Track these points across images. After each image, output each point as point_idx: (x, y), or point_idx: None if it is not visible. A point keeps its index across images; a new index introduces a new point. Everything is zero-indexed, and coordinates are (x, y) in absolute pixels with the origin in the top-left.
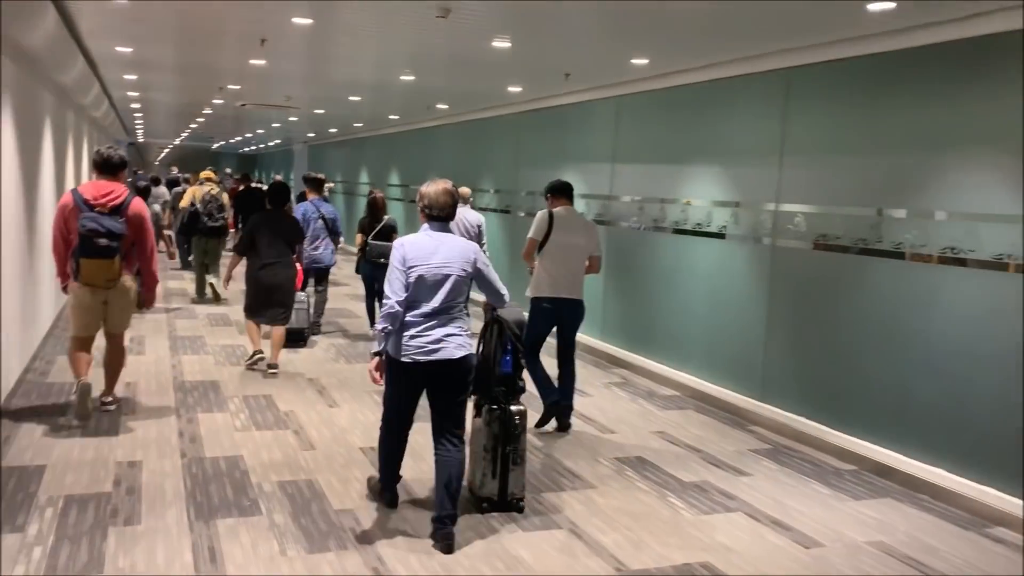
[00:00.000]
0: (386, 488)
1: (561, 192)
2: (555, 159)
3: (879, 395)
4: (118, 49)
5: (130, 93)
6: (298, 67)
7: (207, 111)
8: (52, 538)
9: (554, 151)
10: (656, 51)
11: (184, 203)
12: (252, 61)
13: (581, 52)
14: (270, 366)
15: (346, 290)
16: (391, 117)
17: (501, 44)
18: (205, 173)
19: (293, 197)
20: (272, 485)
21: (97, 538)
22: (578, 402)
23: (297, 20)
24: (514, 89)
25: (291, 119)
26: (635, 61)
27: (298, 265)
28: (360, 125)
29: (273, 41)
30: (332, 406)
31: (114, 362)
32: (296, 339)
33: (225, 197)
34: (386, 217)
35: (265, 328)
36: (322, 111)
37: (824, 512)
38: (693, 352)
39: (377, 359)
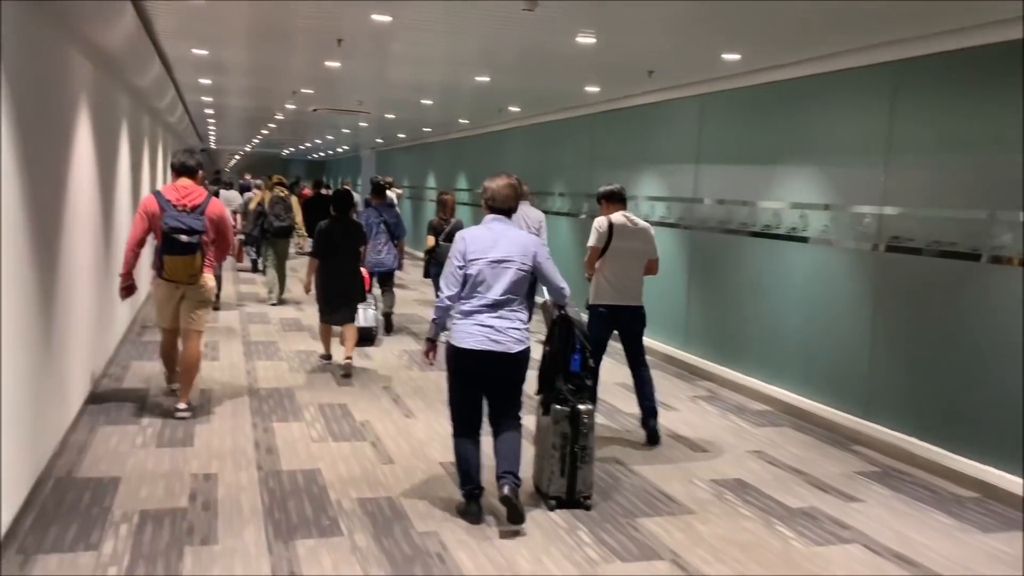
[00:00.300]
0: (469, 499)
1: (615, 198)
2: (632, 161)
3: (1003, 415)
4: (194, 51)
5: (204, 98)
6: (372, 69)
7: (279, 116)
8: (128, 558)
9: (631, 153)
10: (751, 46)
11: (252, 206)
12: (327, 63)
13: (669, 48)
14: (342, 366)
15: (414, 295)
16: (461, 121)
17: (585, 40)
18: (276, 178)
19: (360, 201)
20: (352, 502)
21: (173, 558)
22: (665, 417)
23: (376, 17)
24: (591, 89)
25: (361, 124)
26: (727, 56)
27: (362, 268)
28: (429, 130)
29: (350, 41)
30: (408, 416)
31: (190, 367)
32: (366, 339)
33: (293, 200)
34: (454, 219)
35: (336, 329)
36: (393, 116)
37: (951, 545)
38: (786, 364)
39: (428, 344)
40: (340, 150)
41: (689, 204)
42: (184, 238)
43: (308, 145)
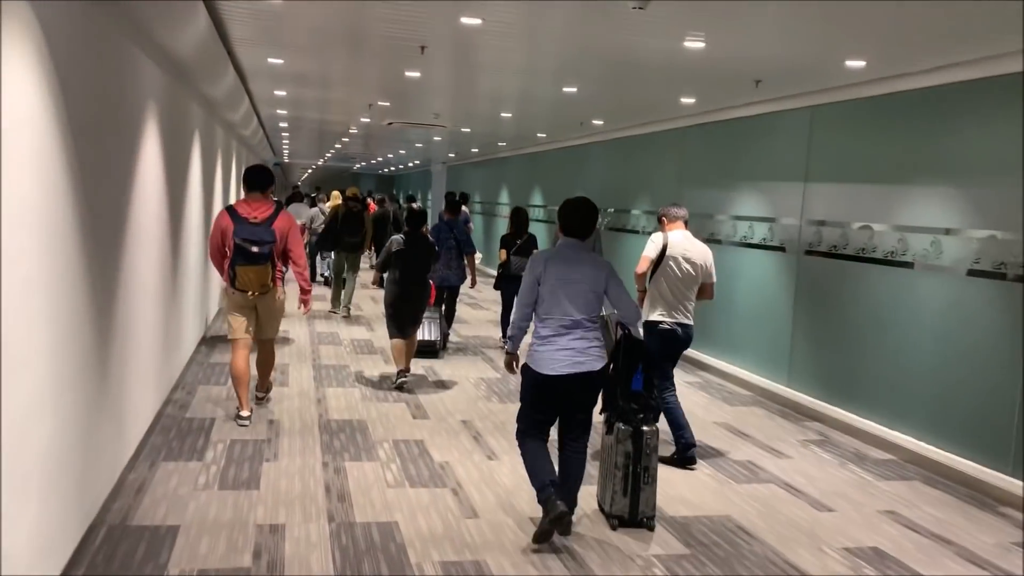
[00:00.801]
0: (549, 502)
1: (676, 217)
2: (727, 177)
3: None
4: (270, 60)
5: (279, 111)
6: (453, 79)
7: (352, 130)
8: None
9: (726, 169)
10: (879, 51)
11: (326, 219)
12: (407, 73)
13: (783, 54)
14: (400, 373)
15: (488, 315)
16: (539, 135)
17: (693, 44)
18: (350, 192)
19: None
20: (434, 567)
21: None
22: (777, 465)
23: (465, 20)
24: (686, 100)
25: (435, 139)
26: (850, 63)
27: (431, 282)
28: (504, 144)
29: (433, 48)
30: (491, 458)
31: (266, 363)
32: (428, 352)
33: (366, 215)
34: (527, 234)
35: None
36: (468, 129)
37: None
38: (914, 407)
39: (509, 357)
40: (411, 164)
41: (795, 226)
42: (255, 249)
43: (379, 159)
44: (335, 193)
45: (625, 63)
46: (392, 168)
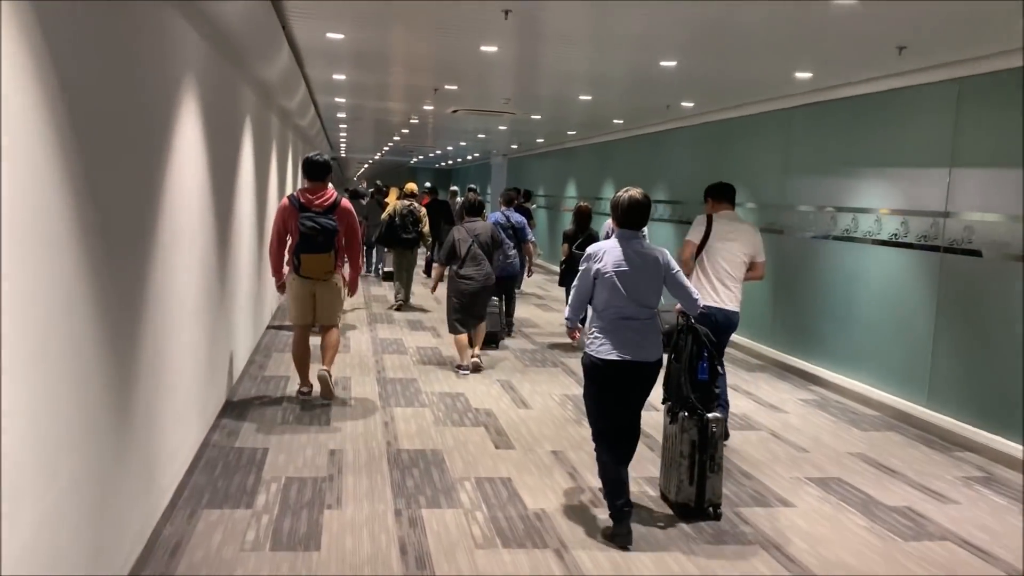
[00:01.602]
0: (620, 518)
1: (722, 195)
2: (847, 164)
3: None
4: (329, 36)
5: (337, 99)
6: (532, 53)
7: (413, 120)
8: None
9: (846, 154)
10: None
11: (384, 215)
12: (483, 47)
13: (951, 11)
14: (472, 364)
15: (559, 316)
16: (615, 121)
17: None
18: (408, 188)
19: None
20: None
21: None
22: (941, 511)
23: None
24: (802, 75)
25: (500, 128)
26: None
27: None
28: (573, 133)
29: (518, 13)
30: (595, 504)
31: (330, 345)
32: (489, 342)
33: (423, 211)
34: (589, 230)
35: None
36: (538, 116)
37: None
38: None
39: (570, 330)
40: (470, 157)
41: (937, 219)
42: (320, 238)
43: (437, 152)
44: (408, 186)
45: (737, 29)
46: (450, 162)
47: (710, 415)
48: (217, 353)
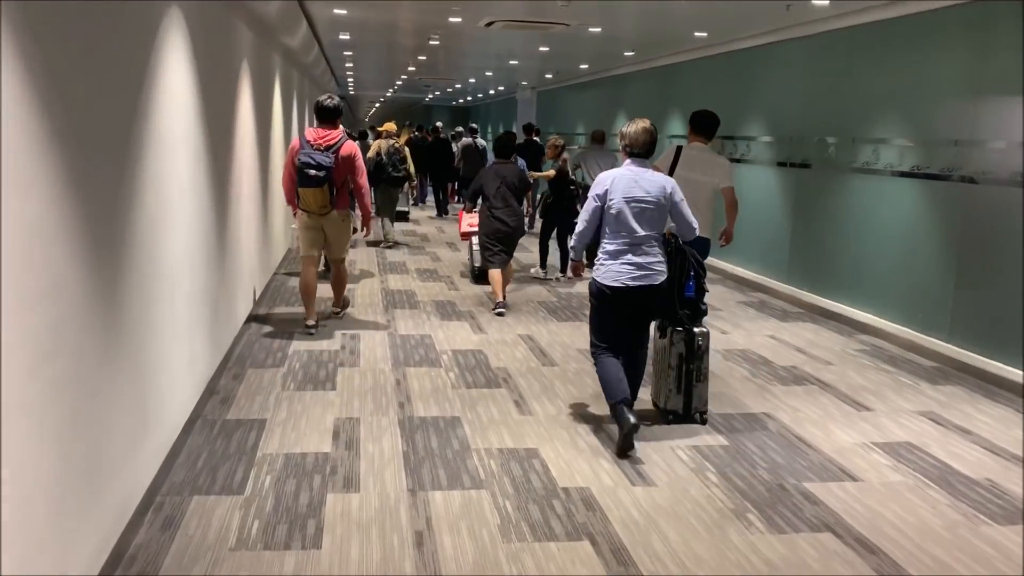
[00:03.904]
0: (620, 414)
1: (698, 126)
2: (866, 94)
3: None
4: None
5: (343, 36)
6: None
7: (433, 41)
8: None
9: (866, 84)
10: None
11: (370, 154)
12: None
13: None
14: (498, 305)
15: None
16: (697, 35)
17: None
18: (387, 126)
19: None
20: None
21: None
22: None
23: None
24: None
25: (541, 49)
26: None
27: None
28: (631, 53)
29: None
30: (638, 481)
31: (338, 282)
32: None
33: (406, 150)
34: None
35: None
36: (598, 29)
37: None
38: None
39: (575, 264)
40: (492, 92)
41: (961, 149)
42: (312, 172)
43: (457, 86)
44: (387, 126)
45: None
46: (469, 98)
47: (697, 329)
48: (266, 241)
